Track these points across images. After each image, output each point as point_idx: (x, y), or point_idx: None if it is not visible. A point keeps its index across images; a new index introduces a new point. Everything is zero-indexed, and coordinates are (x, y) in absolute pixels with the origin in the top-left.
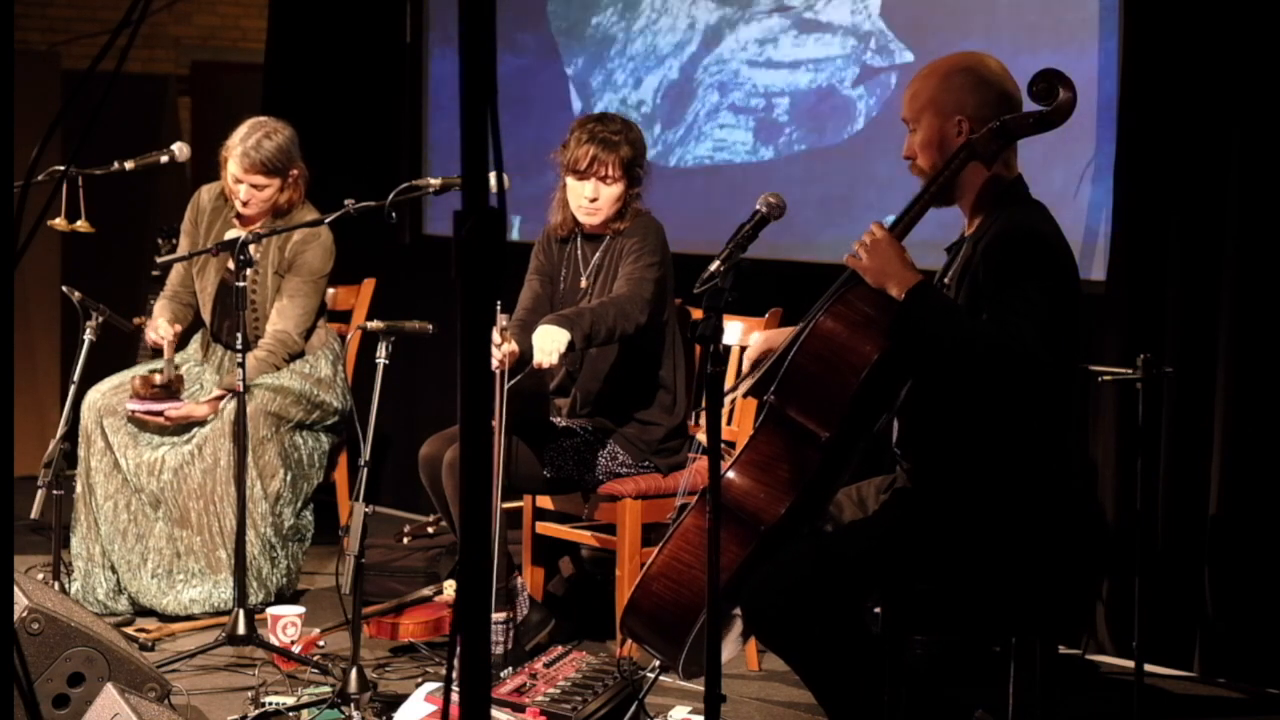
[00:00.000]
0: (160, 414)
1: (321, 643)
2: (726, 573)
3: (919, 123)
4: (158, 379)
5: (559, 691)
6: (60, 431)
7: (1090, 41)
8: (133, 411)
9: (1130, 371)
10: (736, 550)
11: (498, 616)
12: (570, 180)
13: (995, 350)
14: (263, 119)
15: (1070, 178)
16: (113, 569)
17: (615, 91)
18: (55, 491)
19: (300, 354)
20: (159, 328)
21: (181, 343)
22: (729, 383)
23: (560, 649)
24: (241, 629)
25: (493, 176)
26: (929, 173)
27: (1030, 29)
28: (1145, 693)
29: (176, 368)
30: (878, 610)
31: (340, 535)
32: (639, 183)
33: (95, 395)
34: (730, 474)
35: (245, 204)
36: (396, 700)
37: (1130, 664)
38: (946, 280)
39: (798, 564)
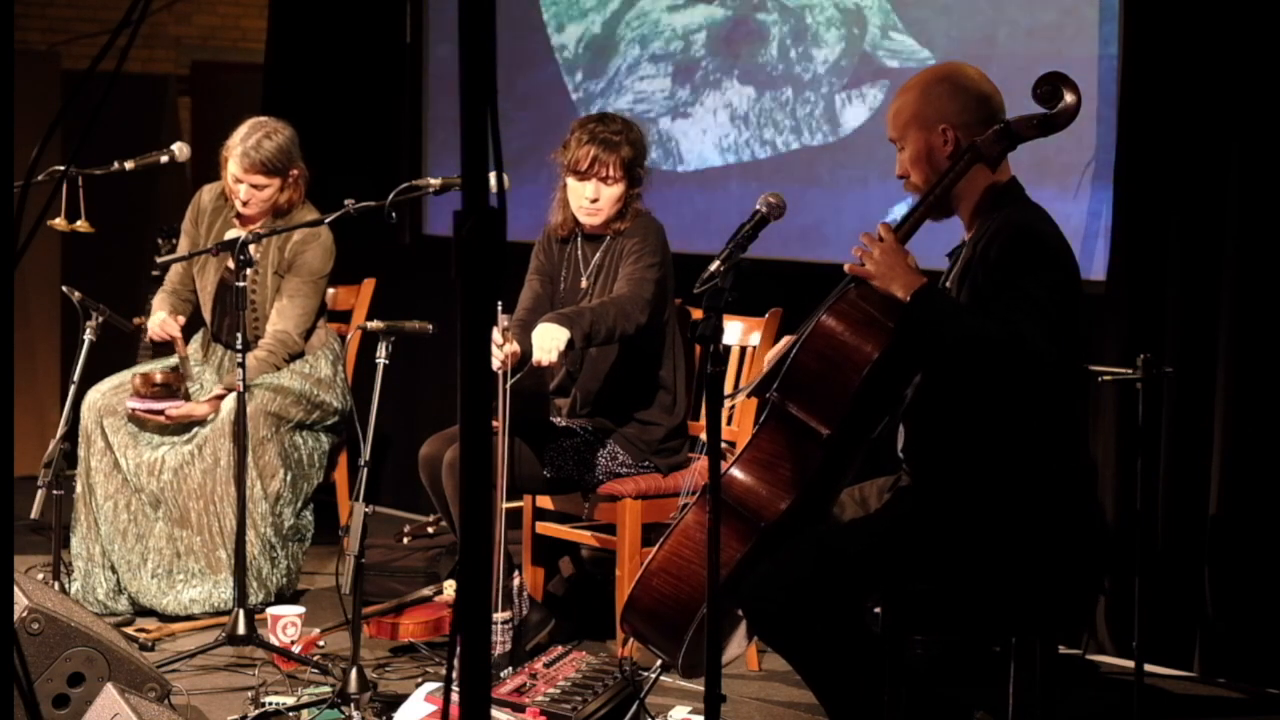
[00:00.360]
0: (161, 412)
1: (321, 643)
2: (726, 569)
3: (905, 139)
4: (159, 377)
5: (559, 691)
6: (60, 431)
7: (1090, 42)
8: (133, 410)
9: (1130, 371)
10: (737, 546)
11: (498, 616)
12: (571, 180)
13: (1001, 348)
14: (263, 119)
15: (1070, 178)
16: (113, 569)
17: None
18: (55, 491)
19: (300, 354)
20: (166, 323)
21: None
22: (729, 383)
23: (560, 649)
24: (241, 629)
25: (493, 176)
26: (923, 187)
27: (1031, 30)
28: (1145, 693)
29: (185, 357)
30: (878, 610)
31: (340, 535)
32: (639, 183)
33: (95, 395)
34: (732, 471)
35: (245, 204)
36: (396, 700)
37: (1130, 664)
38: (948, 284)
39: (799, 561)
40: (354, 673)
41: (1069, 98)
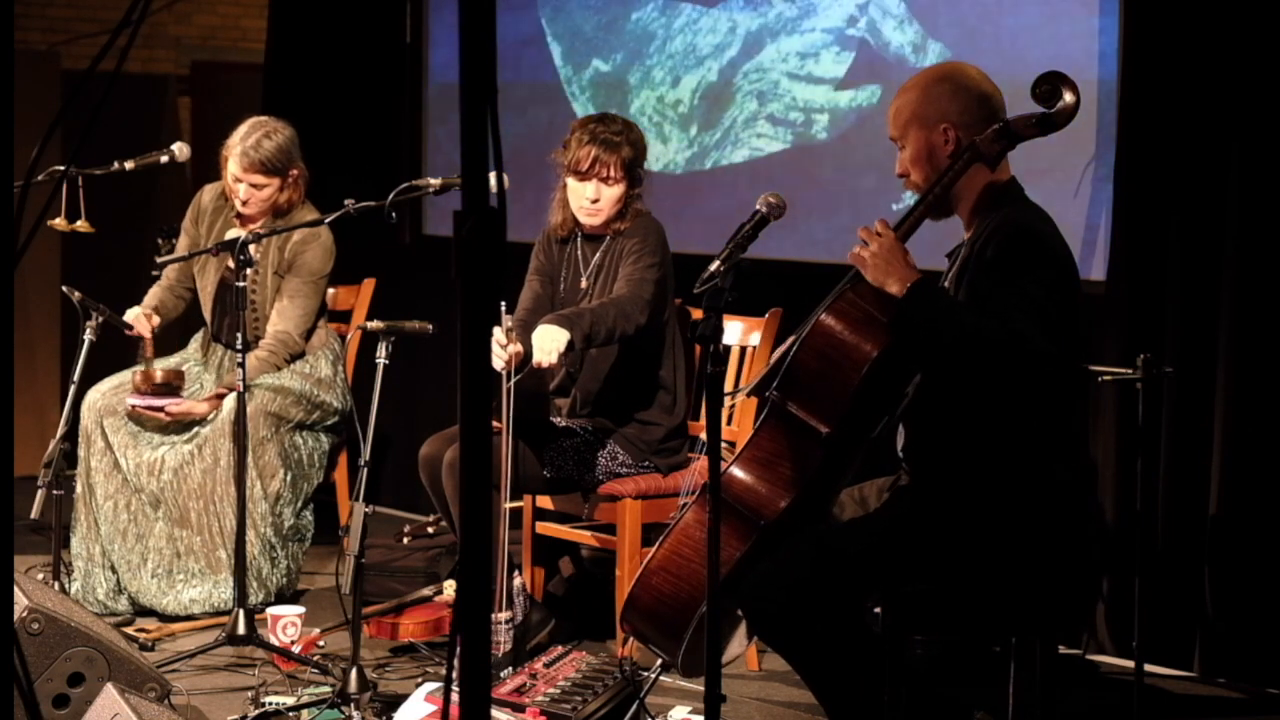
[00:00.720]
0: (161, 409)
1: (321, 643)
2: (726, 567)
3: (906, 138)
4: (159, 375)
5: (559, 691)
6: (60, 431)
7: (1090, 41)
8: (133, 406)
9: (1130, 371)
10: (736, 545)
11: (498, 616)
12: (571, 181)
13: (999, 347)
14: (263, 119)
15: (1070, 178)
16: (113, 569)
17: (653, 89)
18: (55, 491)
19: (301, 354)
20: (139, 320)
21: (181, 343)
22: (729, 383)
23: (560, 649)
24: (241, 629)
25: (493, 176)
26: (923, 186)
27: (1031, 30)
28: (1145, 693)
29: (149, 358)
30: (878, 610)
31: (340, 535)
32: (640, 183)
33: (95, 395)
34: (732, 469)
35: (245, 203)
36: (396, 700)
37: (1130, 664)
38: (946, 284)
39: (798, 561)
40: (354, 673)
41: (1068, 97)
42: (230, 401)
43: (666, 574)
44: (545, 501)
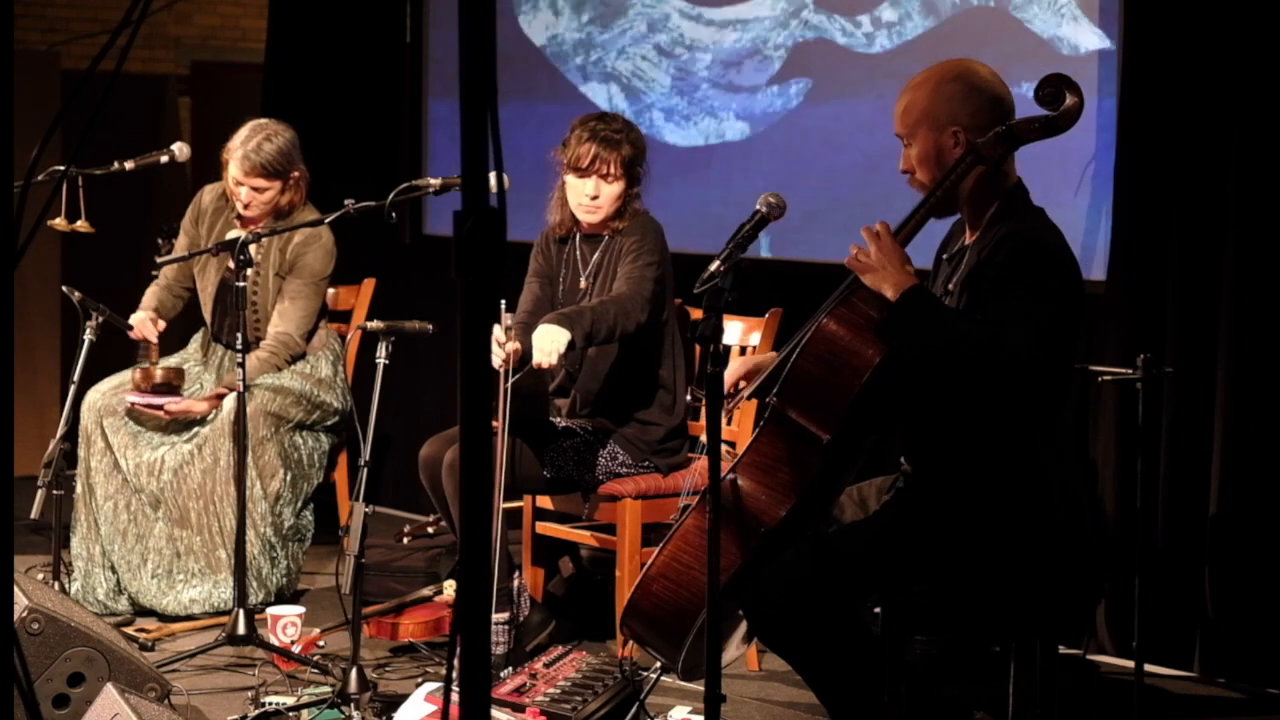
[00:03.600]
0: (160, 407)
1: (321, 643)
2: (726, 574)
3: (915, 137)
4: (159, 374)
5: (559, 691)
6: (60, 431)
7: (1090, 41)
8: (132, 404)
9: (1130, 371)
10: (736, 551)
11: (498, 617)
12: (570, 178)
13: (980, 349)
14: (264, 121)
15: (1070, 178)
16: (113, 569)
17: None
18: (55, 491)
19: (302, 355)
20: (144, 325)
21: (181, 343)
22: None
23: (560, 649)
24: (241, 629)
25: (493, 176)
26: (929, 186)
27: (1029, 29)
28: (1145, 693)
29: (155, 363)
30: (878, 610)
31: (340, 535)
32: (638, 182)
33: (95, 395)
34: (732, 475)
35: (246, 206)
36: (396, 700)
37: (1130, 664)
38: (950, 287)
39: (798, 564)
40: (354, 673)
41: (1070, 99)
42: (230, 401)
43: (666, 580)
44: (545, 501)
